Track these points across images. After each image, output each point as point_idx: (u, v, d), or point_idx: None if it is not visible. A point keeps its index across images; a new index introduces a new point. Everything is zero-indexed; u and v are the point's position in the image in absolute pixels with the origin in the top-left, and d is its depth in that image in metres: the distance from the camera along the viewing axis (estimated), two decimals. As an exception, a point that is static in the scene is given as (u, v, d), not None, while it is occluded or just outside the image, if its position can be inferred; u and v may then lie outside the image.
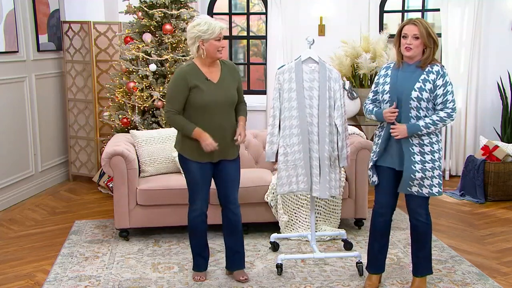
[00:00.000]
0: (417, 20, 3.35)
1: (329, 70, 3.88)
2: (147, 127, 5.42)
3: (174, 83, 3.61)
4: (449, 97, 3.37)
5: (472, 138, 6.53)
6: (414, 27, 3.32)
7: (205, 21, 3.55)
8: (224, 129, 3.65)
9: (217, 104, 3.60)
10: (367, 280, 3.71)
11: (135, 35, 5.58)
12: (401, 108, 3.41)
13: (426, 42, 3.33)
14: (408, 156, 3.40)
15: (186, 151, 3.67)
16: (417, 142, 3.39)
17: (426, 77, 3.36)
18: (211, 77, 3.63)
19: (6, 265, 4.17)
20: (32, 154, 5.98)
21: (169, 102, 3.62)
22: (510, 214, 5.29)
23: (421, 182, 3.39)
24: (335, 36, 6.43)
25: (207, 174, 3.70)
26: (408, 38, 3.34)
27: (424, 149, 3.39)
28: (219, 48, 3.57)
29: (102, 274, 3.95)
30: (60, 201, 5.78)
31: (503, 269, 4.05)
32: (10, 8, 5.52)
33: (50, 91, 6.33)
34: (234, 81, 3.71)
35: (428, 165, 3.38)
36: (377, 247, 3.65)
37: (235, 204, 3.79)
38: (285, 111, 3.88)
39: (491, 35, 6.48)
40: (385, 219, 3.59)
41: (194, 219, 3.75)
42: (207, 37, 3.53)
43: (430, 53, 3.35)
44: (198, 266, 3.88)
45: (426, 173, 3.38)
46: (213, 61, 3.64)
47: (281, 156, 3.91)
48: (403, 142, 3.41)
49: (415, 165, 3.38)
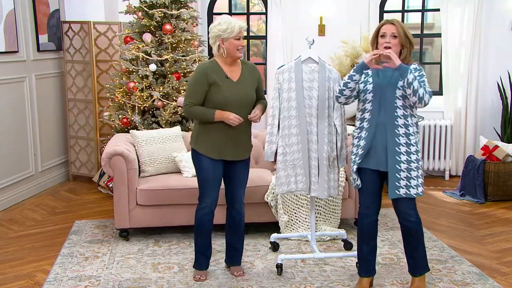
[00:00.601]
0: (394, 20, 3.40)
1: (328, 70, 3.88)
2: (147, 127, 5.42)
3: (194, 78, 3.68)
4: (426, 84, 3.33)
5: (472, 138, 6.53)
6: (392, 26, 3.36)
7: (224, 20, 3.62)
8: (239, 129, 3.70)
9: (235, 102, 3.66)
10: (358, 284, 3.68)
11: (135, 35, 5.58)
12: (386, 107, 3.39)
13: (403, 42, 3.36)
14: (393, 157, 3.37)
15: (200, 146, 3.72)
16: (404, 142, 3.38)
17: None
18: (231, 76, 3.70)
19: (6, 265, 4.17)
20: (32, 154, 5.98)
21: (189, 96, 3.68)
22: (510, 214, 5.29)
23: (407, 182, 3.38)
24: (335, 36, 6.42)
25: (218, 173, 3.75)
26: (387, 37, 3.37)
27: (411, 148, 3.38)
28: (238, 47, 3.63)
29: (102, 274, 3.95)
30: (60, 201, 5.78)
31: (503, 269, 4.05)
32: (10, 8, 5.52)
33: (50, 91, 6.33)
34: (253, 81, 3.78)
35: (413, 164, 3.38)
36: (366, 250, 3.62)
37: (241, 204, 3.87)
38: (284, 111, 3.89)
39: (491, 35, 6.48)
40: (371, 220, 3.56)
41: (202, 217, 3.79)
42: (226, 36, 3.59)
43: (407, 53, 3.39)
44: (200, 264, 3.91)
45: (412, 172, 3.37)
46: (233, 60, 3.70)
47: (280, 156, 3.92)
48: (390, 143, 3.38)
49: (400, 165, 3.37)
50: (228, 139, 3.68)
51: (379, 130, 3.42)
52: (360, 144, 3.49)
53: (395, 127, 3.38)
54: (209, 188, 3.74)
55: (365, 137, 3.46)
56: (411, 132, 3.39)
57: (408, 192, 3.39)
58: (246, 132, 3.78)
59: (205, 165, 3.72)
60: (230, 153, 3.72)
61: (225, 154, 3.71)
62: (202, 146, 3.71)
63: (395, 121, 3.38)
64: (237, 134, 3.70)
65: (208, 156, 3.70)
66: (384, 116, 3.40)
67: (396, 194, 3.40)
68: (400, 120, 3.38)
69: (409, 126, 3.39)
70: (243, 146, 3.78)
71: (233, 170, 3.80)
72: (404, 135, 3.38)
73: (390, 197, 3.42)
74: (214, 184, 3.75)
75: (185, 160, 4.73)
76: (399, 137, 3.38)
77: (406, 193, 3.39)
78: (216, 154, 3.70)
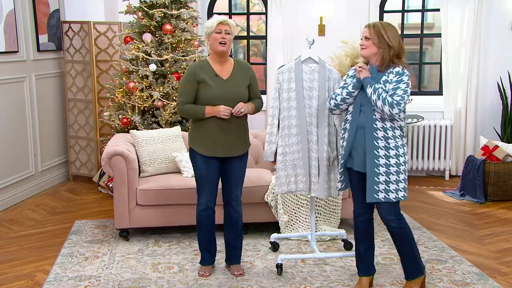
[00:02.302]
0: (371, 23, 3.47)
1: (328, 70, 3.88)
2: (147, 127, 5.42)
3: (184, 77, 3.79)
4: (399, 92, 3.31)
5: (472, 138, 6.53)
6: (366, 29, 3.46)
7: (211, 18, 3.75)
8: (231, 125, 3.73)
9: (225, 100, 3.68)
10: (358, 284, 3.68)
11: (135, 35, 5.58)
12: (365, 110, 3.42)
13: (376, 43, 3.40)
14: (371, 159, 3.38)
15: (195, 144, 3.77)
16: (383, 145, 3.37)
17: (387, 78, 3.40)
18: (221, 74, 3.74)
19: (6, 265, 4.17)
20: (32, 154, 5.98)
21: (180, 95, 3.79)
22: (510, 214, 5.29)
23: (386, 187, 3.37)
24: (335, 36, 6.42)
25: (213, 170, 3.77)
26: (362, 39, 3.48)
27: (390, 152, 3.38)
28: (220, 40, 3.66)
29: (102, 274, 3.95)
30: (60, 201, 5.78)
31: (503, 269, 4.05)
32: (10, 8, 5.52)
33: (50, 91, 6.33)
34: (245, 79, 3.80)
35: (392, 168, 3.37)
36: (362, 249, 3.63)
37: (237, 201, 3.87)
38: (284, 111, 3.89)
39: (491, 35, 6.48)
40: (364, 218, 3.58)
41: (200, 213, 3.83)
42: (209, 32, 3.71)
43: (383, 53, 3.39)
44: (203, 259, 3.95)
45: (391, 176, 3.37)
46: (218, 56, 3.74)
47: (280, 156, 3.92)
48: (368, 146, 3.39)
49: (379, 168, 3.37)
50: (220, 135, 3.71)
51: (359, 132, 3.45)
52: (343, 145, 3.55)
53: (373, 130, 3.39)
54: (205, 186, 3.78)
55: (347, 139, 3.51)
56: (389, 136, 3.38)
57: (387, 197, 3.38)
58: (239, 128, 3.78)
59: (199, 163, 3.77)
60: (222, 149, 3.74)
61: (217, 151, 3.74)
62: (196, 144, 3.77)
63: (373, 124, 3.39)
64: (229, 130, 3.73)
65: (201, 153, 3.74)
66: (364, 119, 3.43)
67: (374, 198, 3.39)
68: (378, 123, 3.39)
69: (387, 129, 3.38)
70: (237, 142, 3.79)
71: (229, 168, 3.82)
72: (383, 139, 3.38)
73: (367, 201, 3.42)
74: (209, 181, 3.77)
75: (185, 160, 4.73)
76: (378, 140, 3.38)
77: (385, 197, 3.38)
78: (208, 151, 3.73)
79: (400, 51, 3.42)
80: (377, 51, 3.41)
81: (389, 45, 3.38)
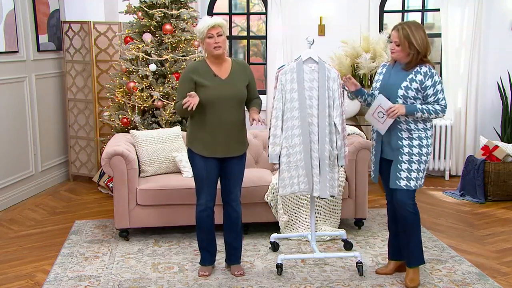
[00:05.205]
0: (400, 25, 3.56)
1: (328, 69, 3.88)
2: (147, 127, 5.42)
3: (181, 77, 3.83)
4: (440, 95, 3.57)
5: (472, 138, 6.53)
6: (395, 33, 3.57)
7: (199, 22, 3.74)
8: (231, 124, 3.75)
9: (224, 99, 3.70)
10: (385, 267, 3.93)
11: (135, 35, 5.58)
12: None
13: (405, 49, 3.51)
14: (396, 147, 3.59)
15: (193, 144, 3.78)
16: (407, 136, 3.58)
17: (414, 77, 3.55)
18: (220, 74, 3.75)
19: (6, 265, 4.17)
20: (32, 154, 5.98)
21: (177, 94, 3.82)
22: (510, 214, 5.29)
23: (408, 174, 3.55)
24: (335, 36, 6.43)
25: (212, 170, 3.77)
26: (392, 43, 3.59)
27: (413, 142, 3.57)
28: (213, 45, 3.66)
29: (102, 274, 3.95)
30: (60, 201, 5.78)
31: (503, 269, 4.05)
32: (10, 8, 5.52)
33: (50, 91, 6.33)
34: (244, 79, 3.81)
35: (414, 157, 3.56)
36: (391, 234, 3.86)
37: (236, 201, 3.87)
38: (287, 112, 3.87)
39: (491, 35, 6.48)
40: (392, 205, 3.76)
41: (199, 213, 3.84)
42: (201, 37, 3.71)
43: (412, 57, 3.54)
44: (203, 260, 3.95)
45: (413, 165, 3.55)
46: (215, 58, 3.75)
47: (284, 157, 3.87)
48: (392, 136, 3.60)
49: (402, 156, 3.57)
50: (219, 136, 3.72)
51: None
52: (373, 136, 3.79)
53: (397, 123, 3.58)
54: (204, 186, 3.78)
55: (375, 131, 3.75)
56: (412, 128, 3.58)
57: (408, 184, 3.58)
58: (237, 128, 3.79)
59: (198, 163, 3.77)
60: (221, 150, 3.74)
61: (217, 151, 3.74)
62: (194, 145, 3.77)
63: (397, 117, 3.55)
64: (228, 130, 3.74)
65: (200, 154, 3.75)
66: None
67: (397, 184, 3.60)
68: (401, 116, 3.56)
69: (410, 122, 3.57)
70: (236, 143, 3.79)
71: (228, 167, 3.82)
72: (406, 130, 3.59)
73: (390, 186, 3.63)
74: (208, 181, 3.78)
75: (185, 160, 4.72)
76: (401, 132, 3.59)
77: (407, 184, 3.58)
78: (207, 152, 3.74)
79: (427, 51, 3.55)
80: (407, 55, 3.54)
81: (418, 50, 3.50)
